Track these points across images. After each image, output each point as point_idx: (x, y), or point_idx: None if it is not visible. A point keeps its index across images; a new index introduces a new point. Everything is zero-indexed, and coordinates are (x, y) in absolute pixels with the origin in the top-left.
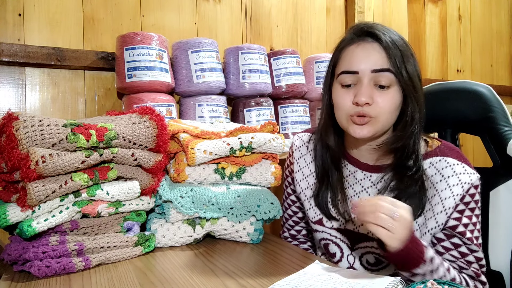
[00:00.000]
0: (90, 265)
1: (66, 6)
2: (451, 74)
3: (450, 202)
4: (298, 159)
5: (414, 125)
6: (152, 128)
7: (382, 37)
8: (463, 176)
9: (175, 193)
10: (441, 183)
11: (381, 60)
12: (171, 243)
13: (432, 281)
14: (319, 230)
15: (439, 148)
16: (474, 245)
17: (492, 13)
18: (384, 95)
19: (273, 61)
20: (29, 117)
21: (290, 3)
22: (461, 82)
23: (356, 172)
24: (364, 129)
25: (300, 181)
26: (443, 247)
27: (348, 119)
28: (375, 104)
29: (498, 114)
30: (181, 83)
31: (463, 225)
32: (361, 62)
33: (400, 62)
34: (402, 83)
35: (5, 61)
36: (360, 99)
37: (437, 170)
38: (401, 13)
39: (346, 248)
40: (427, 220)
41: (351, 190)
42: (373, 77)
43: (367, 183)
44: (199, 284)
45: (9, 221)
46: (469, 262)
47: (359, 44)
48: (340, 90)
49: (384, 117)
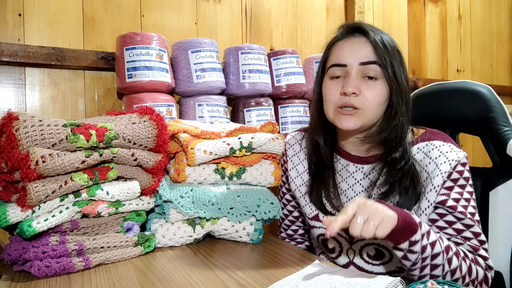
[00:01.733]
0: (90, 265)
1: (66, 6)
2: (451, 74)
3: (439, 179)
4: (291, 156)
5: (398, 117)
6: (152, 128)
7: (370, 33)
8: (449, 154)
9: (175, 193)
10: (430, 165)
11: (369, 53)
12: (171, 243)
13: (432, 281)
14: (316, 226)
15: (424, 134)
16: (469, 219)
17: (492, 13)
18: (371, 88)
19: (273, 61)
20: (29, 117)
21: (290, 3)
22: (461, 82)
23: (348, 166)
24: (351, 121)
25: (294, 178)
26: (437, 226)
27: (335, 111)
28: (362, 96)
29: (498, 114)
30: (181, 83)
31: (453, 199)
32: (349, 55)
33: (387, 56)
34: (388, 77)
35: (5, 61)
36: (347, 89)
37: (425, 154)
38: (401, 13)
39: (345, 243)
40: (421, 201)
41: (344, 184)
42: (361, 70)
43: (359, 175)
44: (199, 284)
45: (9, 221)
46: (466, 238)
47: (348, 39)
48: (329, 82)
49: (371, 110)
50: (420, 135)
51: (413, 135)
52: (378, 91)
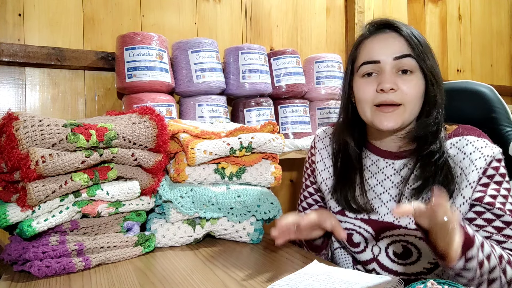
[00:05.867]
0: (90, 265)
1: (66, 6)
2: (451, 74)
3: (474, 175)
4: (320, 149)
5: (437, 109)
6: (152, 128)
7: (401, 27)
8: (484, 149)
9: (175, 193)
10: (464, 161)
11: (402, 47)
12: (171, 243)
13: (432, 281)
14: (342, 220)
15: (458, 129)
16: (509, 215)
17: (492, 13)
18: (408, 82)
19: (273, 61)
20: (29, 117)
21: (290, 3)
22: (463, 82)
23: (378, 161)
24: (391, 120)
25: (321, 171)
26: (476, 225)
27: (373, 110)
28: (399, 91)
29: (500, 115)
30: (181, 83)
31: (490, 196)
32: (382, 51)
33: (421, 49)
34: (425, 69)
35: (5, 61)
36: (384, 85)
37: (458, 149)
38: (401, 13)
39: (371, 239)
40: (455, 198)
41: (373, 180)
42: (395, 65)
43: (389, 171)
44: (199, 284)
45: (9, 221)
46: (507, 236)
47: (377, 35)
48: (362, 81)
49: (411, 104)
50: (453, 130)
51: (445, 131)
52: (416, 84)
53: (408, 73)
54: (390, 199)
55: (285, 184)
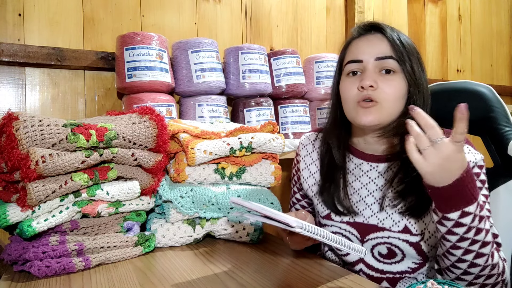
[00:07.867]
0: (90, 265)
1: (66, 6)
2: (451, 74)
3: None
4: (304, 157)
5: None
6: (152, 128)
7: (386, 29)
8: (467, 155)
9: (175, 193)
10: None
11: (385, 49)
12: (171, 243)
13: (432, 281)
14: (328, 224)
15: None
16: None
17: (492, 13)
18: (388, 81)
19: (273, 61)
20: (29, 117)
21: (290, 3)
22: (462, 82)
23: (362, 164)
24: (369, 116)
25: (307, 178)
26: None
27: (355, 107)
28: (379, 89)
29: (499, 115)
30: (181, 83)
31: None
32: (366, 50)
33: (404, 51)
34: (405, 71)
35: (5, 61)
36: (364, 82)
37: None
38: (401, 13)
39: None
40: None
41: (357, 183)
42: (377, 64)
43: (373, 173)
44: (199, 284)
45: (9, 221)
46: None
47: (364, 36)
48: (347, 79)
49: (389, 103)
50: None
51: None
52: (396, 85)
53: (391, 73)
54: (374, 202)
55: (285, 184)
